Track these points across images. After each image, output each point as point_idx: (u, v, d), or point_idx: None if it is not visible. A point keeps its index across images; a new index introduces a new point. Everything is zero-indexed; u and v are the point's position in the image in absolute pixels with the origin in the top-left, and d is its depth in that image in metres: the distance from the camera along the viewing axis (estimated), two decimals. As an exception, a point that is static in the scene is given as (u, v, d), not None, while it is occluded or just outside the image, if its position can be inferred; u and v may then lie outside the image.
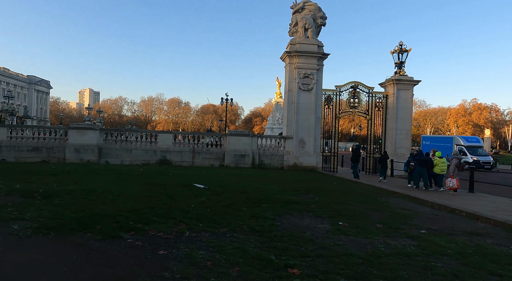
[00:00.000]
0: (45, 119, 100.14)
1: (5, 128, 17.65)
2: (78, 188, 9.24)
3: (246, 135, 19.93)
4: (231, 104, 41.41)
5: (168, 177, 12.59)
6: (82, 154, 17.94)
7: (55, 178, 11.06)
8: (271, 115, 65.71)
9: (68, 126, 18.41)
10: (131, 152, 18.91)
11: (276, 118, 62.13)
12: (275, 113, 62.38)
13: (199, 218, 6.46)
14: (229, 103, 40.60)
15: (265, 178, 13.68)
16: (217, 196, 8.95)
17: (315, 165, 19.91)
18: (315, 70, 20.15)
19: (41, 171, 12.76)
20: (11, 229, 5.28)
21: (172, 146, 19.56)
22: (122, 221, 5.90)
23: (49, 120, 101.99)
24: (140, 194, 8.70)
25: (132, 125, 79.82)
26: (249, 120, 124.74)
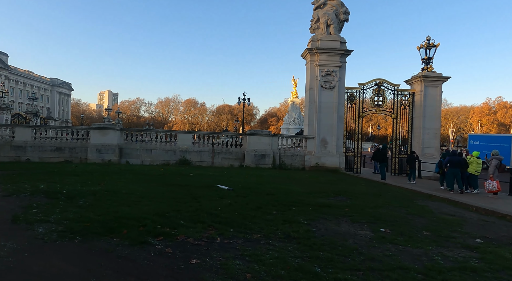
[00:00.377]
0: (67, 120, 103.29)
1: (29, 129, 17.94)
2: (101, 189, 9.06)
3: (266, 134, 19.48)
4: (248, 104, 41.05)
5: (190, 178, 12.30)
6: (104, 154, 18.00)
7: (78, 179, 10.97)
8: (287, 115, 65.05)
9: (90, 126, 18.53)
10: (151, 152, 18.83)
11: (292, 118, 61.41)
12: (291, 113, 61.67)
13: (228, 222, 6.05)
14: (246, 103, 40.23)
15: (288, 179, 13.17)
16: (243, 198, 8.54)
17: (338, 165, 19.20)
18: (338, 68, 19.45)
19: (64, 171, 12.76)
20: (36, 233, 5.04)
21: (191, 146, 19.36)
22: (148, 225, 5.57)
23: (70, 121, 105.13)
24: (164, 196, 8.39)
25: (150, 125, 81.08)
26: (264, 120, 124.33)
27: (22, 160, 17.23)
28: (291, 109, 62.82)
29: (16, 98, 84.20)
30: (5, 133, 17.87)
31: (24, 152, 17.46)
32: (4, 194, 8.04)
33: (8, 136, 17.72)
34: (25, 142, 17.57)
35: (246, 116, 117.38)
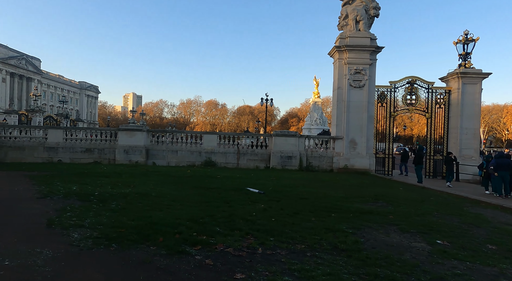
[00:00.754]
0: (94, 122, 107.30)
1: (61, 131, 18.44)
2: (132, 191, 8.94)
3: (293, 135, 18.95)
4: (271, 104, 40.63)
5: (218, 180, 12.03)
6: (131, 155, 18.18)
7: (108, 180, 10.97)
8: (309, 116, 63.96)
9: (118, 128, 18.80)
10: (176, 154, 18.82)
11: (314, 118, 60.30)
12: (313, 113, 60.62)
13: (266, 229, 5.64)
14: (269, 103, 39.79)
15: (319, 182, 12.60)
16: (276, 203, 8.11)
17: (368, 167, 18.35)
18: (368, 65, 18.60)
19: (94, 173, 12.88)
20: (71, 238, 4.86)
21: (216, 147, 19.18)
22: (184, 232, 5.26)
23: (97, 122, 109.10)
24: (195, 199, 8.12)
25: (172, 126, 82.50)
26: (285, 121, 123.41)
27: (54, 161, 17.72)
28: (312, 109, 61.80)
29: (47, 101, 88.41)
30: (38, 135, 18.47)
31: (56, 153, 17.95)
32: (38, 196, 8.07)
33: (41, 137, 18.30)
34: (57, 143, 18.06)
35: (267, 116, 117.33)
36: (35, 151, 17.75)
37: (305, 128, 61.48)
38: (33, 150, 17.74)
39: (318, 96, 61.61)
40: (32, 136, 18.28)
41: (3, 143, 17.65)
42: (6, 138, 17.96)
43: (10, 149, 17.62)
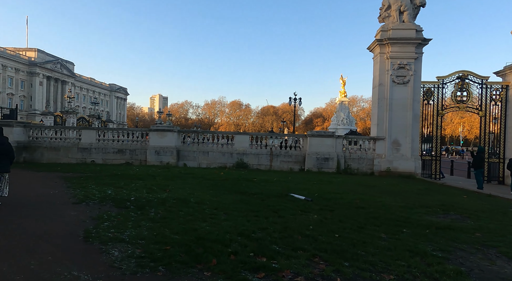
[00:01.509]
0: (123, 123, 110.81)
1: (94, 131, 18.43)
2: (169, 197, 8.28)
3: (329, 136, 17.77)
4: (300, 104, 39.42)
5: (256, 184, 11.19)
6: (162, 156, 17.81)
7: (142, 183, 10.45)
8: (335, 115, 62.04)
9: (149, 128, 18.53)
10: (207, 155, 18.25)
11: (341, 118, 58.39)
12: (339, 113, 58.72)
13: (335, 250, 4.67)
14: (297, 103, 38.61)
15: (367, 188, 11.40)
16: (330, 213, 7.12)
17: (413, 170, 16.80)
18: (413, 60, 17.05)
19: (127, 175, 12.48)
20: (111, 257, 4.16)
21: (248, 148, 18.40)
22: (239, 252, 4.41)
23: (126, 123, 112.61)
24: (239, 207, 7.30)
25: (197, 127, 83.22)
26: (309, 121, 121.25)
27: (88, 161, 17.70)
28: (339, 109, 59.86)
29: (80, 103, 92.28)
30: (72, 136, 18.58)
31: (89, 154, 17.94)
32: (74, 200, 7.59)
33: (76, 138, 18.38)
34: (90, 144, 18.05)
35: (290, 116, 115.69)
36: (69, 151, 17.84)
37: (331, 128, 59.74)
38: (68, 151, 17.84)
39: (344, 95, 59.66)
40: (66, 137, 18.41)
41: (39, 144, 17.89)
42: (42, 139, 18.20)
43: (46, 150, 17.82)
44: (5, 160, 7.20)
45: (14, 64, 72.66)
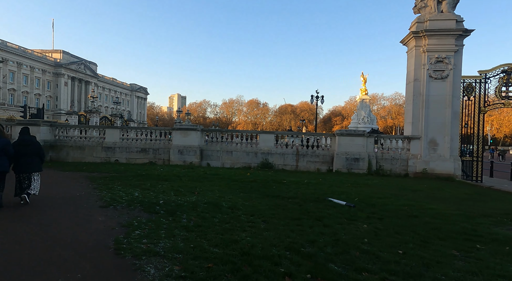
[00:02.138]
0: (143, 122, 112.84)
1: (118, 130, 18.31)
2: (199, 200, 7.73)
3: (360, 135, 16.78)
4: (322, 102, 38.28)
5: (288, 187, 10.49)
6: (185, 155, 17.43)
7: (169, 185, 9.99)
8: (355, 114, 60.37)
9: (172, 127, 18.20)
10: (231, 154, 17.71)
11: (361, 117, 56.71)
12: (360, 111, 57.04)
13: (406, 271, 3.91)
14: (320, 101, 37.51)
15: (411, 192, 10.43)
16: (380, 222, 6.32)
17: (452, 172, 15.56)
18: (452, 53, 15.77)
19: (152, 175, 12.10)
20: (148, 277, 3.59)
21: (273, 148, 17.70)
22: (293, 273, 3.75)
23: (146, 122, 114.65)
24: (277, 214, 6.63)
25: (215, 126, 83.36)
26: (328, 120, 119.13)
27: (112, 161, 17.59)
28: (360, 107, 58.17)
29: (102, 102, 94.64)
30: (96, 135, 18.55)
31: (113, 153, 17.83)
32: (101, 204, 7.18)
33: (100, 137, 18.33)
34: (114, 143, 17.94)
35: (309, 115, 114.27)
36: (94, 151, 17.80)
37: (351, 126, 58.25)
38: (92, 150, 17.80)
39: (365, 93, 57.95)
40: (91, 136, 18.41)
41: (65, 143, 17.95)
42: (68, 138, 18.26)
43: (72, 149, 17.85)
44: (36, 159, 7.11)
45: (41, 66, 75.31)
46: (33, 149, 7.01)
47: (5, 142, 6.66)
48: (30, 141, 7.09)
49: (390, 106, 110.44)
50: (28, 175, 6.99)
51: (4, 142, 6.62)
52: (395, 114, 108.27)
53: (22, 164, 6.93)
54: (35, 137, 7.48)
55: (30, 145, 7.02)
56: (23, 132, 7.18)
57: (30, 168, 6.99)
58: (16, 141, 7.07)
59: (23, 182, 6.95)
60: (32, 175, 7.02)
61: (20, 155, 6.92)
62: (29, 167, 6.97)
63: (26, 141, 7.05)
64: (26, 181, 6.96)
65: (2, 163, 6.60)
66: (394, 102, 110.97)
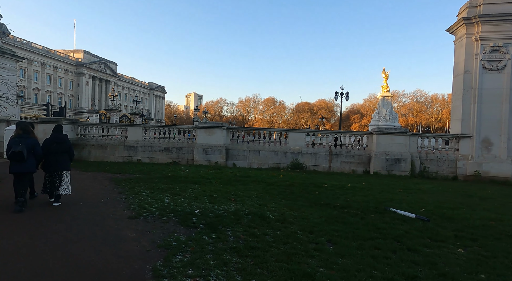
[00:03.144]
0: (161, 121, 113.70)
1: (140, 128, 17.53)
2: (239, 210, 6.61)
3: (401, 133, 15.22)
4: (346, 99, 36.55)
5: (330, 192, 9.23)
6: (210, 155, 16.44)
7: (200, 189, 8.95)
8: (376, 111, 57.88)
9: (196, 125, 17.24)
10: (259, 154, 16.57)
11: (383, 114, 54.24)
12: (381, 109, 54.56)
13: None
14: (345, 97, 35.78)
15: (480, 200, 8.92)
16: (475, 244, 5.00)
17: (510, 175, 13.79)
18: (511, 40, 13.95)
19: (179, 177, 11.11)
20: None
21: (304, 147, 16.42)
22: None
23: (164, 121, 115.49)
24: (340, 230, 5.41)
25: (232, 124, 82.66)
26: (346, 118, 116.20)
27: (134, 160, 16.84)
28: (381, 104, 55.71)
29: (122, 101, 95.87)
30: (118, 133, 17.85)
31: (136, 152, 17.08)
32: (130, 213, 6.18)
33: (121, 136, 17.63)
34: (137, 142, 17.18)
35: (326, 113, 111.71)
36: (116, 149, 17.10)
37: (372, 124, 56.00)
38: (114, 149, 17.11)
39: (387, 89, 55.45)
40: (113, 135, 17.73)
41: (87, 142, 17.35)
42: (90, 136, 17.67)
43: (94, 147, 17.23)
44: (66, 157, 7.05)
45: (64, 65, 76.84)
46: (65, 148, 6.97)
47: (34, 142, 6.50)
48: (63, 139, 7.02)
49: (411, 104, 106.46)
50: (60, 174, 6.87)
51: (32, 142, 6.46)
52: (416, 111, 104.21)
53: (54, 162, 6.81)
54: (67, 135, 7.36)
55: (62, 143, 6.96)
56: (57, 130, 7.07)
57: (62, 166, 6.90)
58: (49, 139, 6.95)
59: (54, 181, 6.82)
60: (63, 173, 6.93)
61: (52, 152, 6.81)
62: (61, 165, 6.88)
63: (59, 139, 6.96)
64: (57, 179, 6.83)
65: (30, 163, 6.38)
66: (415, 99, 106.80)
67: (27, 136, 6.46)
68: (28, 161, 6.32)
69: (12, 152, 6.11)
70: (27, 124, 6.71)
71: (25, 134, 6.46)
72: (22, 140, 6.29)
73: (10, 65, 17.55)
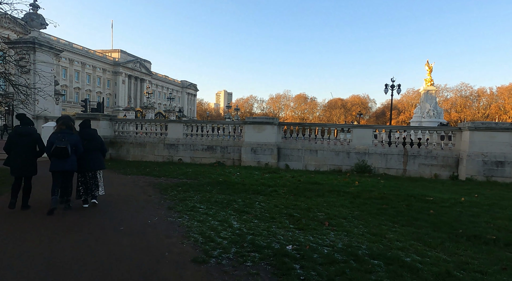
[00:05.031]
0: (194, 118, 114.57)
1: (181, 125, 15.78)
2: (351, 247, 4.32)
3: (506, 129, 12.03)
4: (398, 92, 32.90)
5: (450, 210, 6.67)
6: (260, 155, 14.29)
7: (269, 203, 6.79)
8: (418, 107, 52.78)
9: (243, 120, 15.18)
10: (316, 154, 14.14)
11: (426, 110, 49.26)
12: (424, 104, 49.60)
13: None
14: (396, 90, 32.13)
15: None
16: None
17: None
18: None
19: (233, 184, 9.03)
20: None
21: (372, 146, 13.74)
22: None
23: (196, 118, 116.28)
24: None
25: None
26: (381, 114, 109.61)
27: (174, 160, 15.16)
28: (424, 99, 50.79)
29: (156, 99, 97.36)
30: (158, 130, 16.28)
31: (176, 151, 15.37)
32: (192, 251, 4.08)
33: (161, 133, 16.03)
34: (177, 139, 15.46)
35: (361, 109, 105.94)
36: (155, 148, 15.52)
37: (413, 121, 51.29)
38: (154, 148, 15.54)
39: (431, 83, 50.40)
40: (152, 132, 16.18)
41: (125, 139, 15.94)
42: (128, 134, 16.25)
43: (132, 146, 15.78)
44: (99, 155, 6.47)
45: (102, 65, 79.04)
46: (96, 144, 6.41)
47: (76, 139, 6.02)
48: (93, 135, 6.48)
49: (454, 98, 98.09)
50: (94, 174, 6.34)
51: (75, 139, 5.98)
52: (460, 107, 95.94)
53: (87, 161, 6.20)
54: (96, 130, 6.78)
55: (93, 139, 6.39)
56: (84, 125, 6.49)
57: (96, 165, 6.34)
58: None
59: (88, 181, 6.27)
60: (97, 173, 6.44)
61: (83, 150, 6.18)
62: (94, 164, 6.31)
63: (89, 135, 6.40)
64: (92, 180, 6.29)
65: (73, 161, 5.91)
66: (459, 94, 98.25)
67: (70, 132, 5.96)
68: (72, 158, 5.85)
69: (55, 147, 5.59)
70: (69, 120, 6.13)
71: (68, 129, 5.95)
72: (65, 136, 5.80)
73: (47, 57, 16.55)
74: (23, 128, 5.97)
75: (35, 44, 15.74)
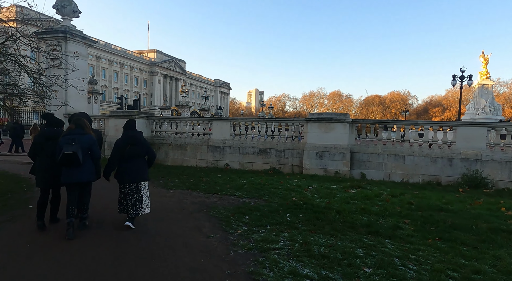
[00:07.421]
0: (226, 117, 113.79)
1: (228, 123, 13.15)
2: None
3: None
4: (469, 84, 28.07)
5: None
6: (327, 161, 11.25)
7: (404, 255, 3.80)
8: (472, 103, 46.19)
9: (306, 118, 12.20)
10: (403, 161, 10.81)
11: (481, 106, 42.74)
12: (479, 100, 43.01)
13: None
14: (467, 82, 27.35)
15: None
16: None
17: None
18: None
19: (324, 211, 6.10)
20: None
21: (485, 150, 10.14)
22: None
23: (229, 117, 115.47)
24: None
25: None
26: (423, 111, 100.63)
27: (220, 165, 12.61)
28: (479, 94, 44.27)
29: (190, 98, 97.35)
30: (201, 130, 13.82)
31: (222, 154, 12.79)
32: None
33: (204, 133, 13.55)
34: (223, 141, 12.87)
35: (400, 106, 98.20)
36: (198, 151, 13.06)
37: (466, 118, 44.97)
38: (196, 150, 13.09)
39: (487, 76, 43.68)
40: (194, 132, 13.77)
41: (163, 141, 13.66)
42: (166, 134, 13.97)
43: (171, 148, 13.46)
44: (143, 163, 5.12)
45: (139, 65, 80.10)
46: (140, 150, 5.07)
47: (91, 139, 4.74)
48: (138, 139, 5.09)
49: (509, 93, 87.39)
50: (136, 186, 4.97)
51: (89, 140, 4.70)
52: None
53: (129, 170, 4.94)
54: (141, 133, 5.33)
55: (137, 144, 5.04)
56: (129, 126, 5.14)
57: (138, 176, 4.99)
58: (121, 139, 5.09)
59: (129, 195, 4.91)
60: (141, 185, 5.05)
61: (126, 157, 4.95)
62: (137, 175, 4.99)
63: (133, 138, 5.04)
64: (133, 194, 4.91)
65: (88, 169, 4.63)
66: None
67: (82, 132, 4.70)
68: (85, 165, 4.60)
69: (63, 154, 4.36)
70: (80, 117, 4.94)
71: (79, 129, 4.71)
72: (75, 138, 4.56)
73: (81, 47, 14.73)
74: (51, 130, 4.91)
75: (66, 33, 14.00)
